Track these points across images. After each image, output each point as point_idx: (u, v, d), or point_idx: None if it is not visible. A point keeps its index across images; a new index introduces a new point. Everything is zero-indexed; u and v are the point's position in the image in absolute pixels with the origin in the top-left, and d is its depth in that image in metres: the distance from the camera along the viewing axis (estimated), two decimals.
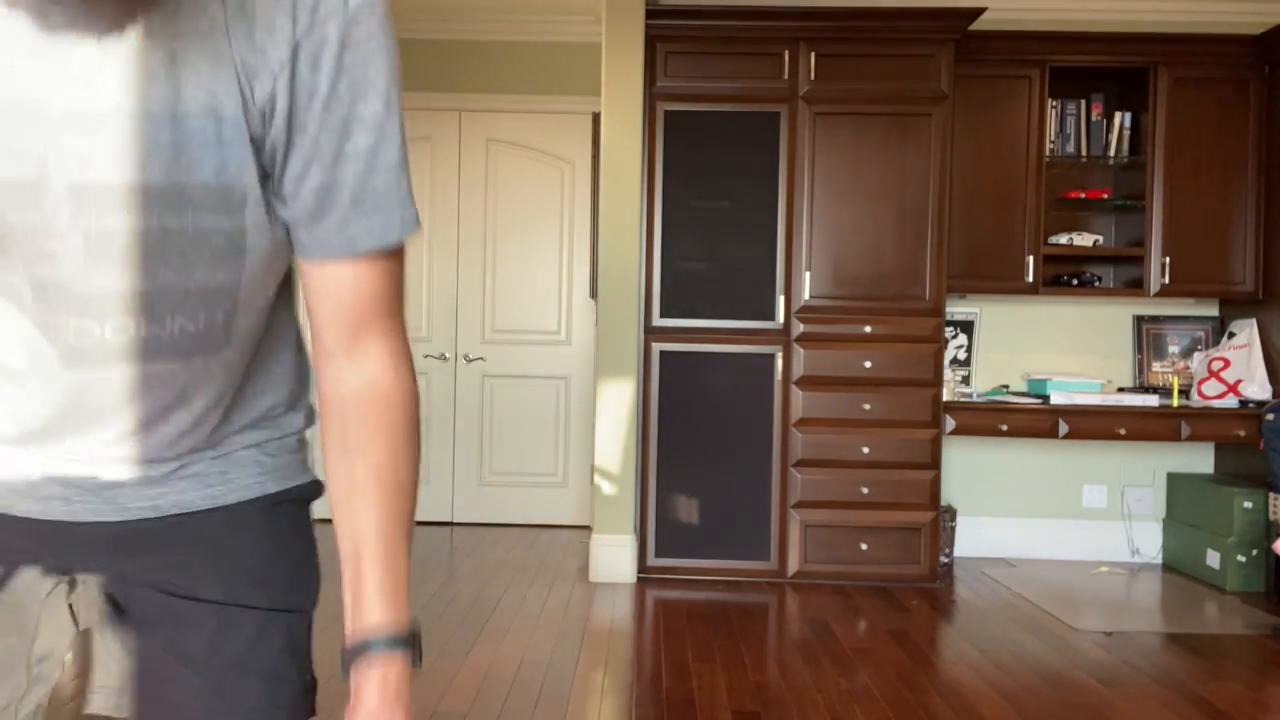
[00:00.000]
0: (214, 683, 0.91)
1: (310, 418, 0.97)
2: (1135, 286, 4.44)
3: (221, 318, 0.78)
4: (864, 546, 4.14)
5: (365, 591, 0.96)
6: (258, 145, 0.72)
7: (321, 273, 0.78)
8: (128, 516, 0.86)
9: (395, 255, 0.80)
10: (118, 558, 0.88)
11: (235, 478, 0.91)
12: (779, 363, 4.14)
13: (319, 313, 0.81)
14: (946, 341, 4.64)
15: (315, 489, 0.99)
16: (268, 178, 0.74)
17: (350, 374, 0.83)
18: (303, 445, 0.97)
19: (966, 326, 4.71)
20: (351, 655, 0.96)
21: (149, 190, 0.69)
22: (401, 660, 0.91)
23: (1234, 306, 4.59)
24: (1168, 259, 4.37)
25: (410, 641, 0.92)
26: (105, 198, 0.68)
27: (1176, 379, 4.50)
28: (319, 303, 0.80)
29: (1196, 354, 4.56)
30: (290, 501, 0.96)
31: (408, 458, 0.87)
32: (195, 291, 0.75)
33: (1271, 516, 4.03)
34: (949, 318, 4.66)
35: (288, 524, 0.98)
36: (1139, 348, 4.70)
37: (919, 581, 4.13)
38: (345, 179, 0.74)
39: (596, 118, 5.13)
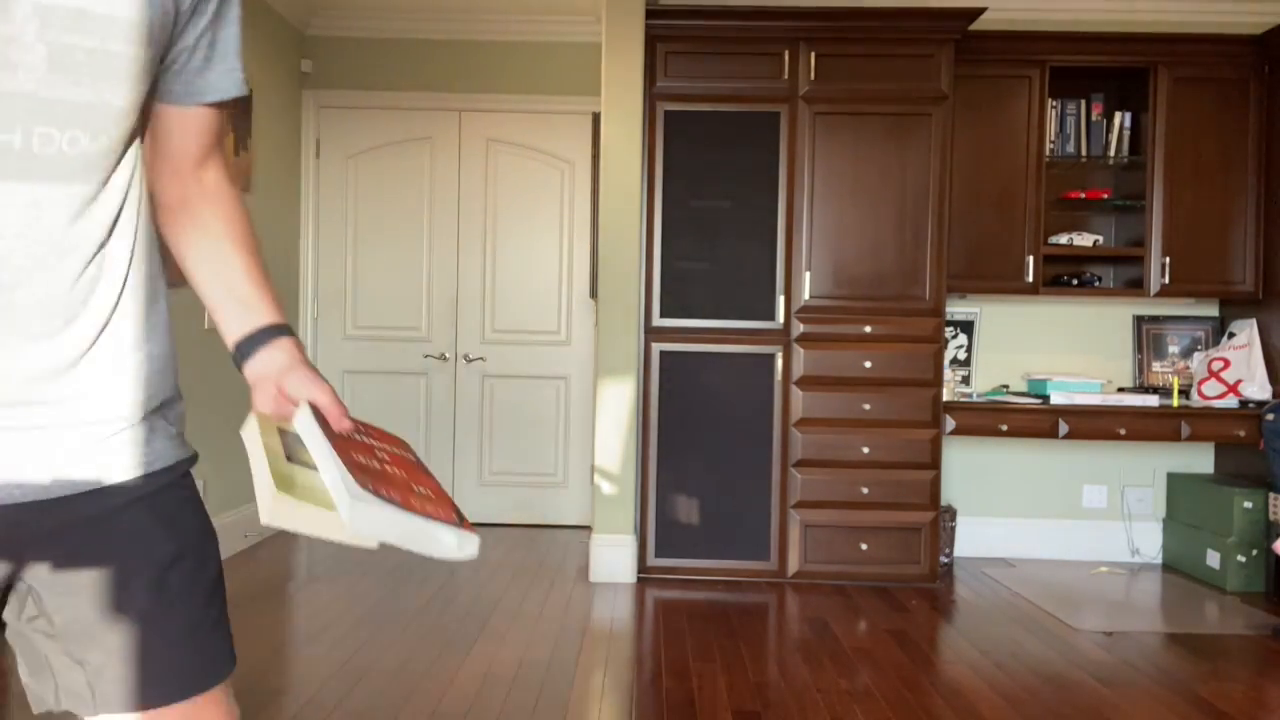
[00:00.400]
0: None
1: None
2: (1135, 286, 4.44)
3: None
4: (864, 546, 4.14)
5: (252, 307, 1.11)
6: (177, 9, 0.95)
7: (186, 113, 1.04)
8: None
9: (225, 107, 1.07)
10: None
11: None
12: (779, 363, 4.14)
13: (174, 146, 1.05)
14: (946, 341, 4.64)
15: None
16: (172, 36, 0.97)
17: (202, 182, 1.09)
18: None
19: (966, 326, 4.71)
20: (252, 344, 1.11)
21: (94, 16, 0.86)
22: (296, 340, 1.12)
23: (1234, 306, 4.59)
24: (1168, 259, 4.37)
25: (289, 329, 1.13)
26: (65, 18, 0.84)
27: (1176, 379, 4.51)
28: (180, 137, 1.05)
29: (1196, 354, 4.56)
30: None
31: (250, 232, 1.14)
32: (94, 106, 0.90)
33: (1271, 516, 4.04)
34: (949, 318, 4.66)
35: None
36: (1139, 348, 4.70)
37: (919, 581, 4.14)
38: (225, 50, 1.03)
39: (596, 118, 5.13)
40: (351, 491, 0.93)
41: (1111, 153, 4.49)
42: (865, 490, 4.14)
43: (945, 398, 4.24)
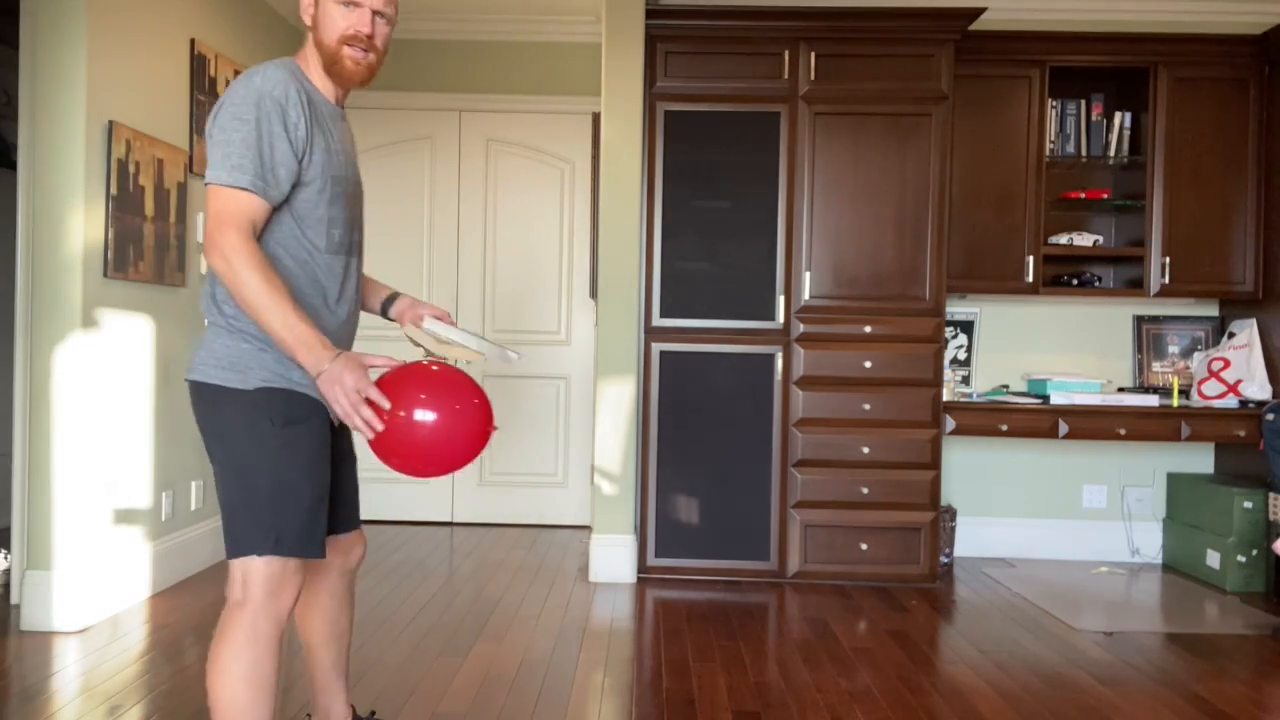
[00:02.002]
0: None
1: None
2: (1135, 286, 4.44)
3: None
4: (864, 546, 4.14)
5: (383, 289, 2.24)
6: None
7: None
8: None
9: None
10: None
11: None
12: (779, 363, 4.14)
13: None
14: (946, 341, 4.64)
15: None
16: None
17: None
18: None
19: (966, 326, 4.71)
20: (390, 299, 2.21)
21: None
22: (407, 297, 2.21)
23: (1234, 306, 4.59)
24: (1168, 259, 4.37)
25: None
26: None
27: (1176, 379, 4.51)
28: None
29: (1196, 354, 4.56)
30: None
31: None
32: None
33: (1271, 516, 4.04)
34: (949, 318, 4.66)
35: None
36: (1139, 348, 4.70)
37: (919, 581, 4.13)
38: None
39: (596, 118, 5.13)
40: (481, 336, 2.09)
41: (1111, 153, 4.49)
42: (865, 490, 4.14)
43: (945, 398, 4.24)
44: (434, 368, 1.83)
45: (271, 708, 1.82)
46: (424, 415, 1.76)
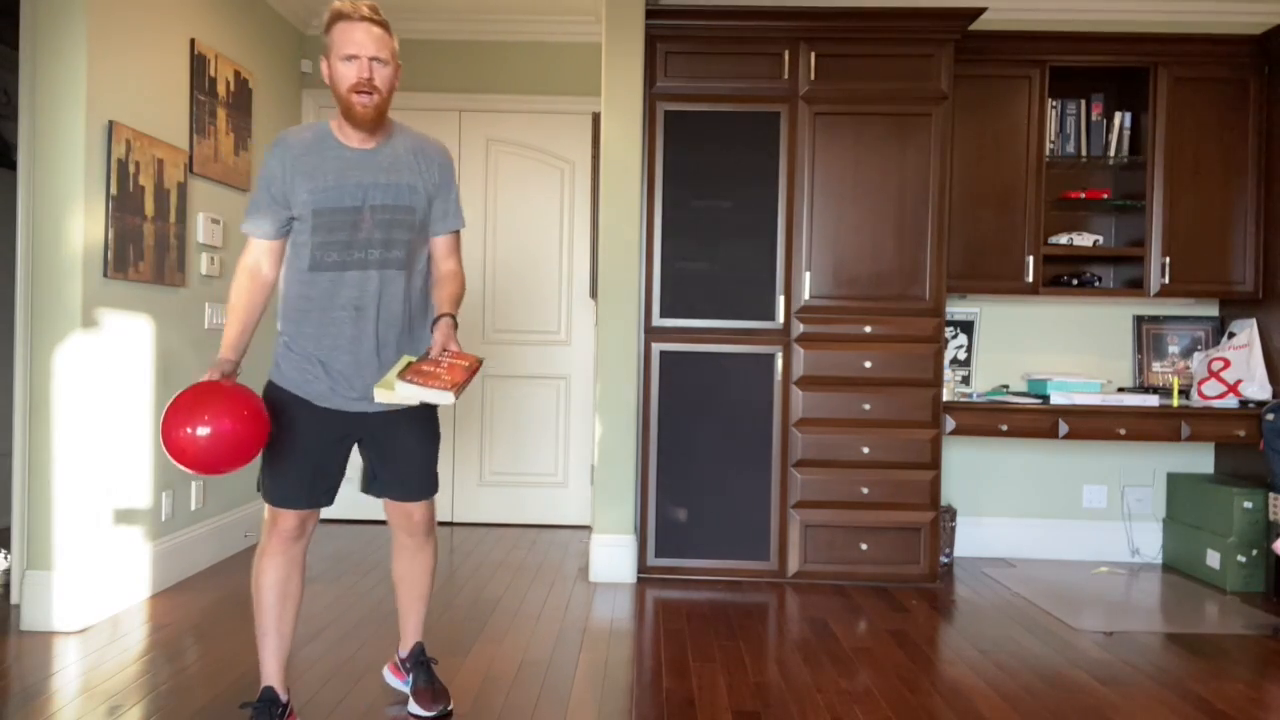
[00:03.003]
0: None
1: None
2: (1135, 286, 4.44)
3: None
4: (864, 546, 4.14)
5: (441, 304, 2.46)
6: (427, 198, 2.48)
7: (437, 240, 2.53)
8: None
9: (459, 234, 2.57)
10: None
11: None
12: (779, 363, 4.14)
13: (435, 253, 2.53)
14: (946, 341, 4.64)
15: None
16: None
17: (445, 267, 2.52)
18: None
19: (966, 326, 4.71)
20: (436, 320, 2.42)
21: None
22: (451, 321, 2.41)
23: (1234, 306, 4.59)
24: (1168, 259, 4.37)
25: (454, 318, 2.43)
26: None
27: (1176, 379, 4.51)
28: (436, 248, 2.53)
29: (1196, 354, 4.56)
30: None
31: (460, 286, 2.51)
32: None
33: (1271, 516, 4.04)
34: (949, 318, 4.66)
35: None
36: (1139, 348, 4.70)
37: (919, 581, 4.14)
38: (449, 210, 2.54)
39: (596, 118, 5.13)
40: (389, 382, 2.23)
41: (1111, 153, 4.49)
42: (865, 490, 4.14)
43: (945, 398, 4.24)
44: (222, 394, 2.21)
45: (269, 597, 2.43)
46: (184, 429, 2.15)
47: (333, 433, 2.43)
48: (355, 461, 2.56)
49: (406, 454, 2.52)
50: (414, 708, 2.63)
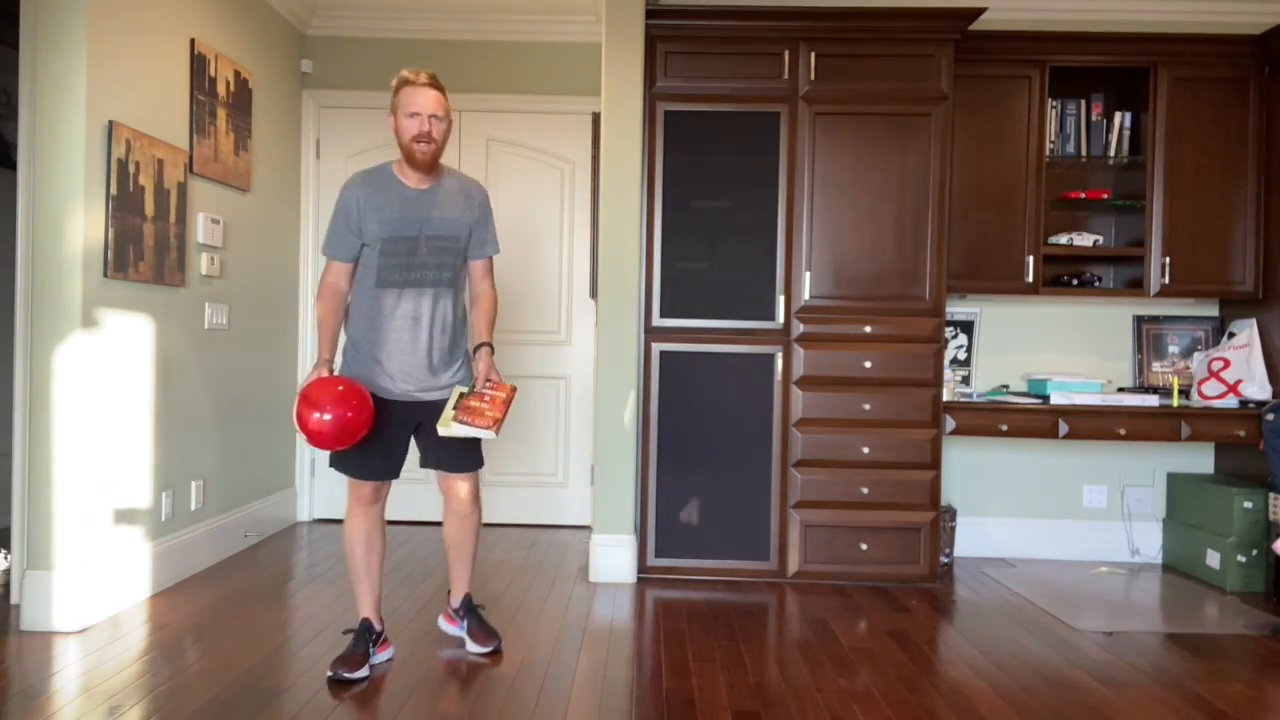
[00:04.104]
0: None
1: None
2: (1135, 286, 4.44)
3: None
4: (864, 546, 4.14)
5: (479, 331, 3.04)
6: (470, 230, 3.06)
7: (473, 263, 3.12)
8: None
9: (492, 260, 3.16)
10: None
11: None
12: (779, 363, 4.14)
13: (472, 275, 3.12)
14: (946, 341, 4.65)
15: None
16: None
17: (479, 289, 3.11)
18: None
19: (966, 326, 4.71)
20: (476, 349, 3.01)
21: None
22: (490, 351, 3.01)
23: (1234, 306, 4.59)
24: (1168, 259, 4.37)
25: (491, 345, 3.02)
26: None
27: (1176, 379, 4.51)
28: (472, 270, 3.12)
29: (1196, 354, 4.56)
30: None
31: (493, 306, 3.10)
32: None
33: (1271, 516, 4.04)
34: (949, 318, 4.66)
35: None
36: (1139, 348, 4.70)
37: (919, 581, 4.13)
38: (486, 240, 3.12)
39: (596, 118, 5.13)
40: (447, 419, 2.89)
41: (1111, 153, 4.49)
42: (865, 490, 4.14)
43: (945, 398, 4.24)
44: (338, 388, 2.79)
45: (359, 548, 3.05)
46: (313, 415, 2.76)
47: (396, 419, 2.98)
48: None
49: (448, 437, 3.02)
50: (472, 646, 3.17)
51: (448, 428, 2.88)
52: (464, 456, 3.09)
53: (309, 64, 5.22)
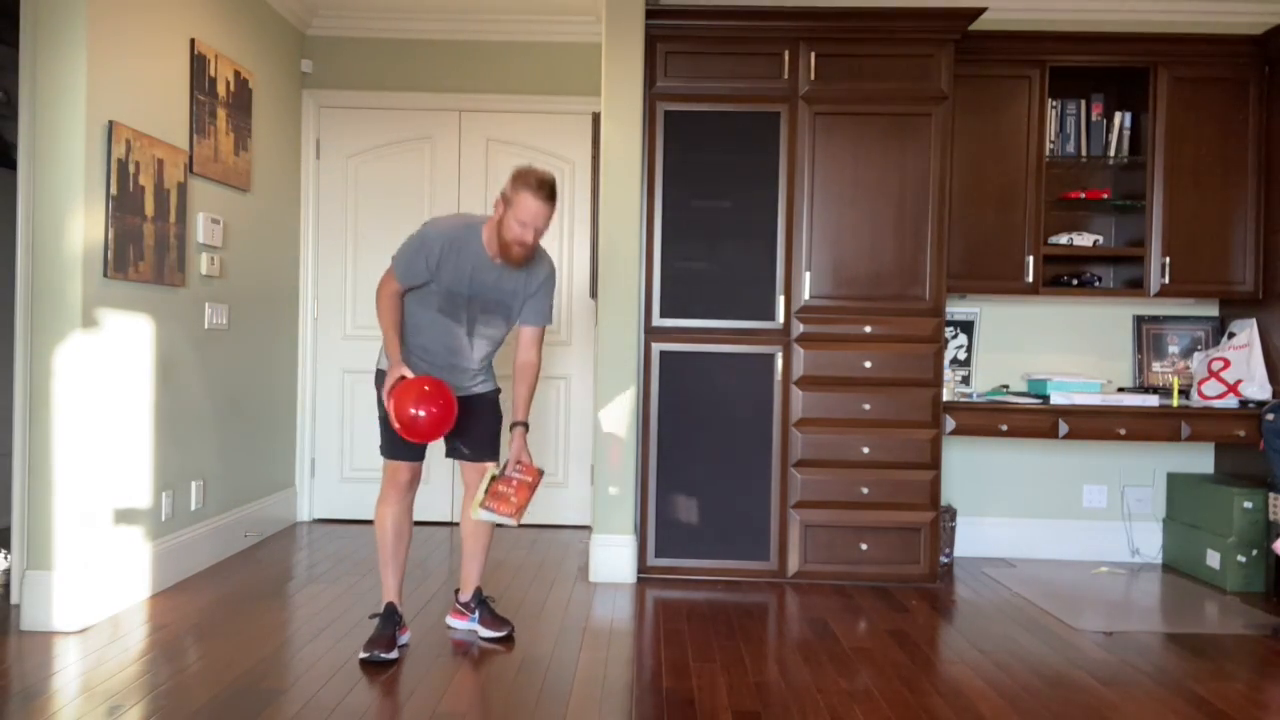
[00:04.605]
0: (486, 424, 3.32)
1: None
2: (1135, 286, 4.44)
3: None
4: (864, 546, 4.14)
5: (518, 407, 3.26)
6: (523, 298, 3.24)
7: (525, 328, 3.29)
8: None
9: (542, 328, 3.31)
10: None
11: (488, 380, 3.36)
12: (779, 363, 4.14)
13: (522, 338, 3.29)
14: (946, 341, 4.64)
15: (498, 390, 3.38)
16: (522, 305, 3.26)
17: (525, 357, 3.27)
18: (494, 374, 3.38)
19: (966, 326, 4.71)
20: (513, 426, 3.24)
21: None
22: (524, 430, 3.24)
23: (1234, 306, 4.59)
24: (1168, 259, 4.37)
25: (527, 426, 3.25)
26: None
27: (1176, 379, 4.51)
28: (523, 334, 3.28)
29: (1196, 354, 4.56)
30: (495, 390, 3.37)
31: (536, 378, 3.29)
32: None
33: (1271, 516, 4.04)
34: (949, 318, 4.66)
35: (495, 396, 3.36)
36: (1139, 348, 4.70)
37: (919, 581, 4.14)
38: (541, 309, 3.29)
39: (596, 118, 5.13)
40: (477, 507, 3.18)
41: (1111, 153, 4.49)
42: (865, 490, 4.14)
43: (945, 398, 4.24)
44: (425, 387, 2.95)
45: (390, 536, 3.23)
46: (409, 410, 2.95)
47: None
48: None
49: (480, 427, 3.27)
50: (485, 633, 3.32)
51: (477, 514, 3.13)
52: (488, 446, 3.29)
53: (309, 64, 5.22)
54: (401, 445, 3.14)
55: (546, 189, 2.99)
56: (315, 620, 3.46)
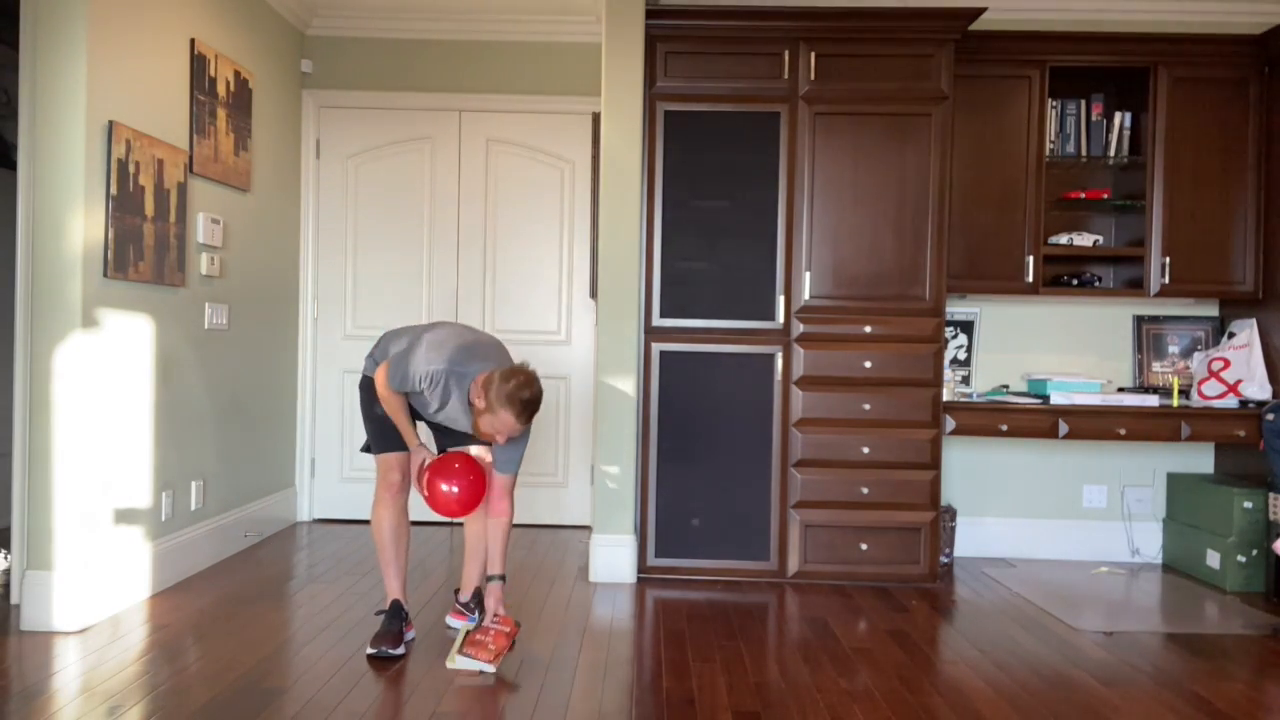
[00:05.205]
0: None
1: None
2: (1135, 286, 4.44)
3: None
4: (864, 546, 4.14)
5: (493, 560, 3.18)
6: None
7: (497, 476, 3.20)
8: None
9: (514, 475, 3.22)
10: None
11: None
12: (779, 363, 4.14)
13: (493, 488, 3.22)
14: (946, 341, 4.64)
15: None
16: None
17: (497, 509, 3.22)
18: None
19: (966, 326, 4.71)
20: (487, 581, 3.18)
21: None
22: (502, 583, 3.18)
23: (1234, 306, 4.59)
24: (1168, 259, 4.37)
25: (504, 578, 3.19)
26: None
27: (1176, 379, 4.51)
28: (495, 484, 3.21)
29: (1196, 354, 4.56)
30: None
31: (509, 530, 3.21)
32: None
33: (1271, 516, 4.03)
34: (949, 318, 4.66)
35: None
36: (1139, 348, 4.70)
37: (919, 581, 4.14)
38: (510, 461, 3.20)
39: (596, 118, 5.13)
40: (454, 655, 3.02)
41: (1111, 153, 4.49)
42: (865, 490, 4.14)
43: (945, 398, 4.24)
44: (455, 464, 3.12)
45: (389, 536, 3.27)
46: (441, 486, 3.13)
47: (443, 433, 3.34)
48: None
49: (456, 440, 3.35)
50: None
51: (453, 662, 3.01)
52: (503, 459, 3.22)
53: (309, 64, 5.22)
54: (390, 437, 3.21)
55: (529, 412, 2.97)
56: (315, 620, 3.46)
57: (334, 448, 5.30)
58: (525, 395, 2.94)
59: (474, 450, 3.26)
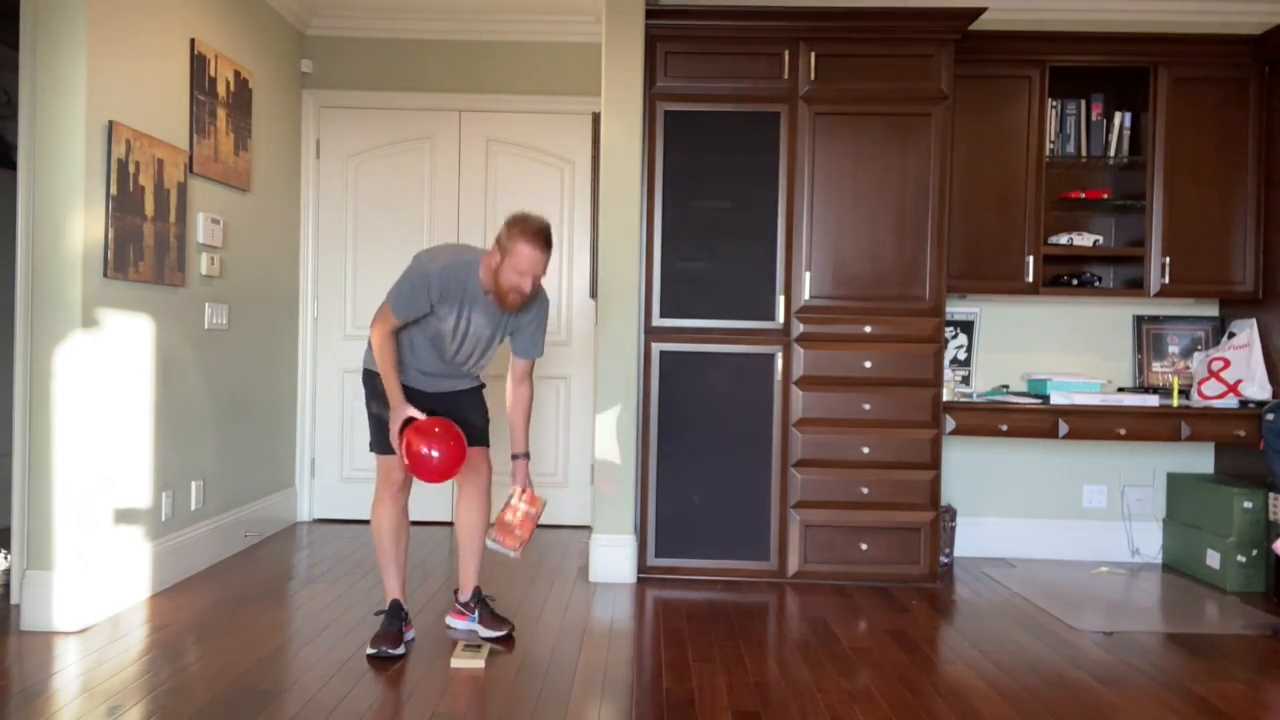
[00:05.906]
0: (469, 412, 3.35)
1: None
2: (1135, 286, 4.44)
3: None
4: (864, 546, 4.14)
5: (517, 438, 3.33)
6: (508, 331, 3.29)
7: (517, 361, 3.32)
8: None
9: (531, 362, 3.33)
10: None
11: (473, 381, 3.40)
12: (779, 363, 4.14)
13: (514, 370, 3.33)
14: (946, 341, 4.64)
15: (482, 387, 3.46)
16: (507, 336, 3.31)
17: (519, 389, 3.32)
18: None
19: (966, 326, 4.71)
20: (514, 458, 3.32)
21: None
22: (526, 460, 3.33)
23: (1234, 306, 4.59)
24: (1168, 259, 4.37)
25: (528, 456, 3.34)
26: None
27: (1176, 379, 4.51)
28: (515, 367, 3.32)
29: (1196, 354, 4.56)
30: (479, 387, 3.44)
31: (530, 406, 3.35)
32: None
33: (1271, 516, 4.04)
34: (949, 318, 4.66)
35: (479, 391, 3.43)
36: (1139, 348, 4.70)
37: (919, 581, 4.14)
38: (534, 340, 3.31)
39: (596, 118, 5.13)
40: (490, 538, 3.29)
41: (1111, 153, 4.49)
42: (865, 490, 4.14)
43: (945, 398, 4.24)
44: (436, 429, 3.04)
45: (388, 537, 3.29)
46: (421, 449, 3.04)
47: (422, 405, 3.17)
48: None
49: (469, 418, 3.32)
50: (484, 632, 3.33)
51: (490, 541, 3.27)
52: (475, 432, 3.32)
53: (309, 64, 5.22)
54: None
55: (543, 237, 3.01)
56: (315, 620, 3.46)
57: (334, 448, 5.30)
58: (536, 224, 3.00)
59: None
